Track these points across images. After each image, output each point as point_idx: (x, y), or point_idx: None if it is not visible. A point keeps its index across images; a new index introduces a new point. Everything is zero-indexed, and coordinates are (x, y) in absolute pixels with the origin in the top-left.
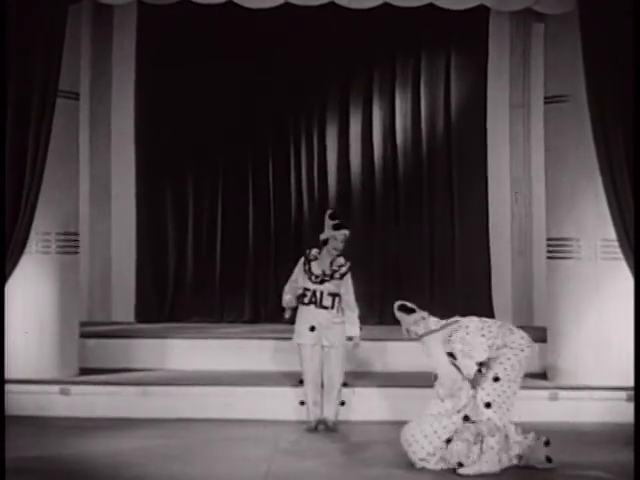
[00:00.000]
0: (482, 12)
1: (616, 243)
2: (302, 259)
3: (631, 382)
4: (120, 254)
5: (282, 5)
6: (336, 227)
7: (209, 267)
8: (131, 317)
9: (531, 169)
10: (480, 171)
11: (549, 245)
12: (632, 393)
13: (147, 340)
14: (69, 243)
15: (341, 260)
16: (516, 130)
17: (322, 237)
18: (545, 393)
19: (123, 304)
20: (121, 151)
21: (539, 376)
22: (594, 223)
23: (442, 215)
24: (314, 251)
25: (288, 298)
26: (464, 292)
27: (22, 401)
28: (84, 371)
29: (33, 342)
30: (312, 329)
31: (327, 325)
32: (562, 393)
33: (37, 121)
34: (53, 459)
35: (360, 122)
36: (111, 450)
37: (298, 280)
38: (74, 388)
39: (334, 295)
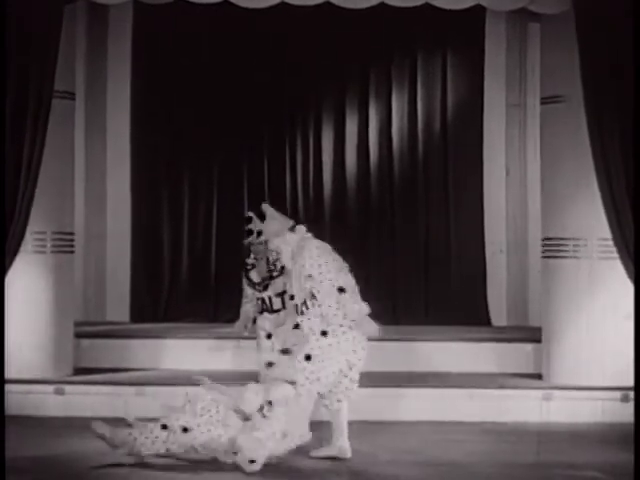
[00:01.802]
0: (478, 12)
1: (611, 242)
2: (243, 273)
3: (625, 382)
4: (115, 254)
5: (278, 5)
6: (247, 233)
7: (204, 267)
8: (126, 317)
9: (527, 169)
10: (476, 171)
11: (544, 245)
12: (627, 393)
13: (142, 340)
14: (64, 243)
15: (274, 254)
16: (512, 130)
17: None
18: (539, 393)
19: (118, 304)
20: (116, 151)
21: (533, 376)
22: (589, 222)
23: (437, 215)
24: (250, 260)
25: (237, 326)
26: (459, 292)
27: (17, 401)
28: (79, 371)
29: (28, 342)
30: (269, 337)
31: (282, 324)
32: (556, 393)
33: (33, 121)
34: (48, 459)
35: (356, 122)
36: (106, 450)
37: (247, 294)
38: (69, 388)
39: (282, 294)
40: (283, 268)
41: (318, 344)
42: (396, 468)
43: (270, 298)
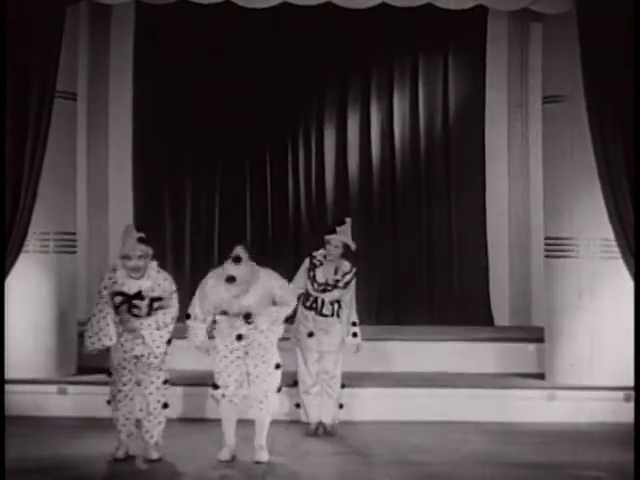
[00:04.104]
0: (480, 12)
1: (614, 242)
2: (307, 261)
3: (628, 382)
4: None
5: (280, 5)
6: (331, 232)
7: (206, 268)
8: None
9: (529, 169)
10: (478, 171)
11: (547, 244)
12: (629, 393)
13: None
14: (67, 243)
15: (347, 267)
16: (514, 130)
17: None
18: (543, 393)
19: None
20: (118, 151)
21: (536, 376)
22: (592, 222)
23: (440, 215)
24: (320, 255)
25: None
26: (462, 292)
27: (19, 401)
28: (82, 371)
29: (30, 342)
30: (310, 335)
31: (325, 330)
32: (560, 393)
33: (35, 121)
34: (50, 459)
35: (358, 123)
36: (109, 450)
37: (299, 282)
38: (72, 388)
39: (335, 302)
40: (347, 284)
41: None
42: (399, 468)
43: (323, 301)
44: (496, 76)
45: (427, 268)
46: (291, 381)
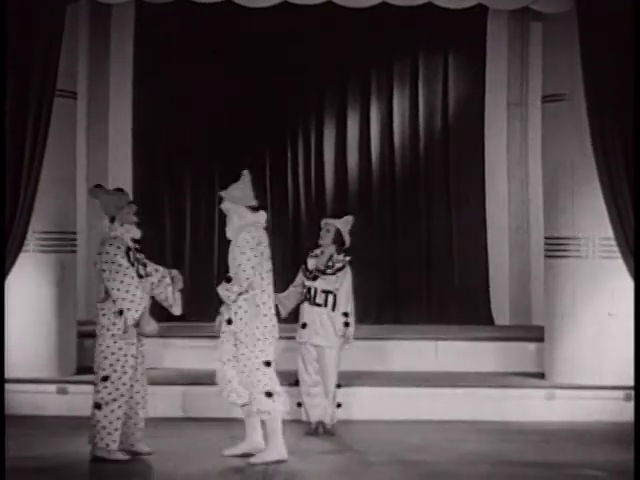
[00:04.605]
0: (480, 11)
1: (613, 241)
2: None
3: (628, 381)
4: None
5: (280, 4)
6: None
7: (207, 265)
8: None
9: (528, 168)
10: (478, 170)
11: (547, 244)
12: (629, 392)
13: (145, 339)
14: (67, 242)
15: (340, 257)
16: (514, 129)
17: None
18: (542, 392)
19: None
20: (119, 150)
21: (536, 375)
22: (592, 221)
23: (439, 214)
24: (318, 251)
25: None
26: (462, 291)
27: (19, 400)
28: (82, 370)
29: (30, 341)
30: (303, 326)
31: (321, 323)
32: (559, 392)
33: (35, 120)
34: (50, 459)
35: (357, 122)
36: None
37: (297, 282)
38: (72, 387)
39: (328, 292)
40: (337, 271)
41: None
42: (398, 467)
43: (315, 290)
44: (496, 75)
45: (427, 267)
46: (292, 380)
